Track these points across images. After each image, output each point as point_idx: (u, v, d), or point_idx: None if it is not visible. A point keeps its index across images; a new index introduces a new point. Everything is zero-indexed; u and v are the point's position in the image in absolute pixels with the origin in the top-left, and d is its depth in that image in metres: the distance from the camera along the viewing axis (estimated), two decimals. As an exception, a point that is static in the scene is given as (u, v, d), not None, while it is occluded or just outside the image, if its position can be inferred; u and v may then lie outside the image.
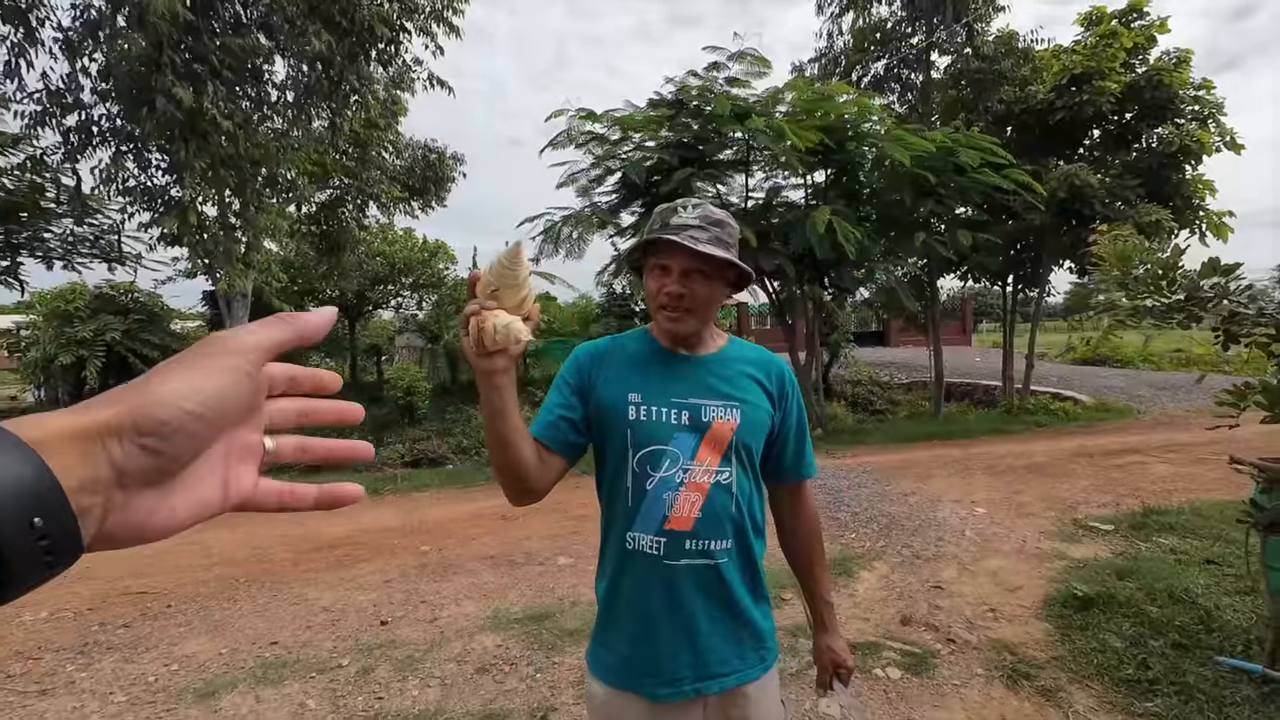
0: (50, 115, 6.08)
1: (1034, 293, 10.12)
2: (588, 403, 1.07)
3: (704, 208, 1.04)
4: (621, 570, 1.04)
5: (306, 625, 3.14)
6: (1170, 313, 2.60)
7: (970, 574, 3.44)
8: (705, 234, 1.01)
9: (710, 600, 1.02)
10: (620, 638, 1.05)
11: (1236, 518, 2.48)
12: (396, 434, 9.60)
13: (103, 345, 8.37)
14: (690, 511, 1.00)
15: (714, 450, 1.02)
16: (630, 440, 1.02)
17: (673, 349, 1.09)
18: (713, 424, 1.02)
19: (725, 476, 1.02)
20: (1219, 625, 2.54)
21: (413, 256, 12.30)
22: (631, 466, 1.02)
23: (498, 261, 0.85)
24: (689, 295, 1.02)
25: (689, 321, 1.04)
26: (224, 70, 5.63)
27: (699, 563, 1.00)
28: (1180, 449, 6.45)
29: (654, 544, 1.00)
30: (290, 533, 4.87)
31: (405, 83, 7.65)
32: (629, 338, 1.13)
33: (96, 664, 2.81)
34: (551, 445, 1.03)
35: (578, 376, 1.08)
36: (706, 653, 1.01)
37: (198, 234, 6.59)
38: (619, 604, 1.05)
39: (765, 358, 1.13)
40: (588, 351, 1.12)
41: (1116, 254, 2.83)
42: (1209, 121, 8.35)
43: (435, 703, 2.37)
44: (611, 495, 1.06)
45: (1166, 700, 2.13)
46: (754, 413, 1.06)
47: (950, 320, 22.33)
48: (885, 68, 10.58)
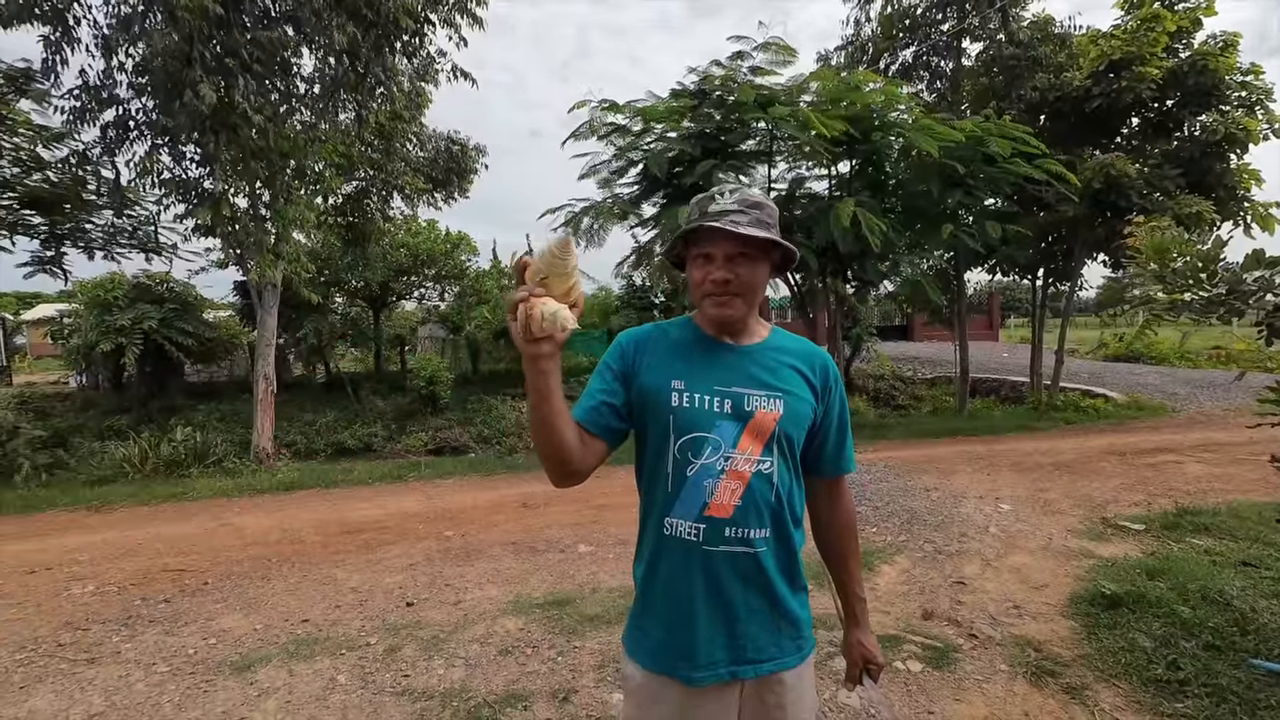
0: (88, 110, 6.28)
1: (1065, 287, 9.84)
2: (630, 388, 1.07)
3: (741, 191, 1.05)
4: (659, 555, 1.05)
5: (336, 605, 3.24)
6: (1211, 307, 2.52)
7: (994, 570, 3.40)
8: (746, 217, 1.01)
9: (748, 587, 1.02)
10: (657, 622, 1.05)
11: (1276, 518, 2.41)
12: (419, 423, 9.78)
13: (140, 333, 8.65)
14: (730, 499, 1.00)
15: (756, 439, 1.02)
16: (673, 426, 1.03)
17: (717, 337, 1.09)
18: (755, 413, 1.02)
19: (767, 466, 1.02)
20: (1255, 628, 2.47)
21: (435, 248, 12.42)
22: (673, 453, 1.03)
23: (548, 250, 0.88)
24: (735, 280, 1.02)
25: (736, 306, 1.04)
26: (254, 64, 5.75)
27: (738, 550, 1.01)
28: (1217, 448, 6.25)
29: (693, 530, 1.01)
30: (320, 517, 5.02)
31: (429, 75, 7.71)
32: (672, 325, 1.14)
33: (140, 636, 2.95)
34: (593, 429, 1.04)
35: (621, 362, 1.09)
36: (743, 638, 1.02)
37: (230, 225, 6.76)
38: (656, 588, 1.06)
39: (809, 349, 1.13)
40: (631, 337, 1.12)
41: (1154, 246, 2.75)
42: (1256, 108, 7.99)
43: (460, 681, 2.44)
44: (652, 481, 1.07)
45: (1197, 702, 2.09)
46: (797, 404, 1.05)
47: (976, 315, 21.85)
48: (914, 55, 10.34)
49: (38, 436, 7.41)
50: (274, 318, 7.75)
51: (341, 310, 12.42)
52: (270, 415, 7.60)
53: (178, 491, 5.97)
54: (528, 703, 2.28)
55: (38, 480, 6.61)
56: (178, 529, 4.77)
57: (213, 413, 9.56)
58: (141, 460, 6.94)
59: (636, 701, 1.08)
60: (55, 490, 6.23)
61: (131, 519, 5.15)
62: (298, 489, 6.10)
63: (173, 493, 5.93)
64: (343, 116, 7.21)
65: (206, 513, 5.27)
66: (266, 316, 7.62)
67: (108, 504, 5.60)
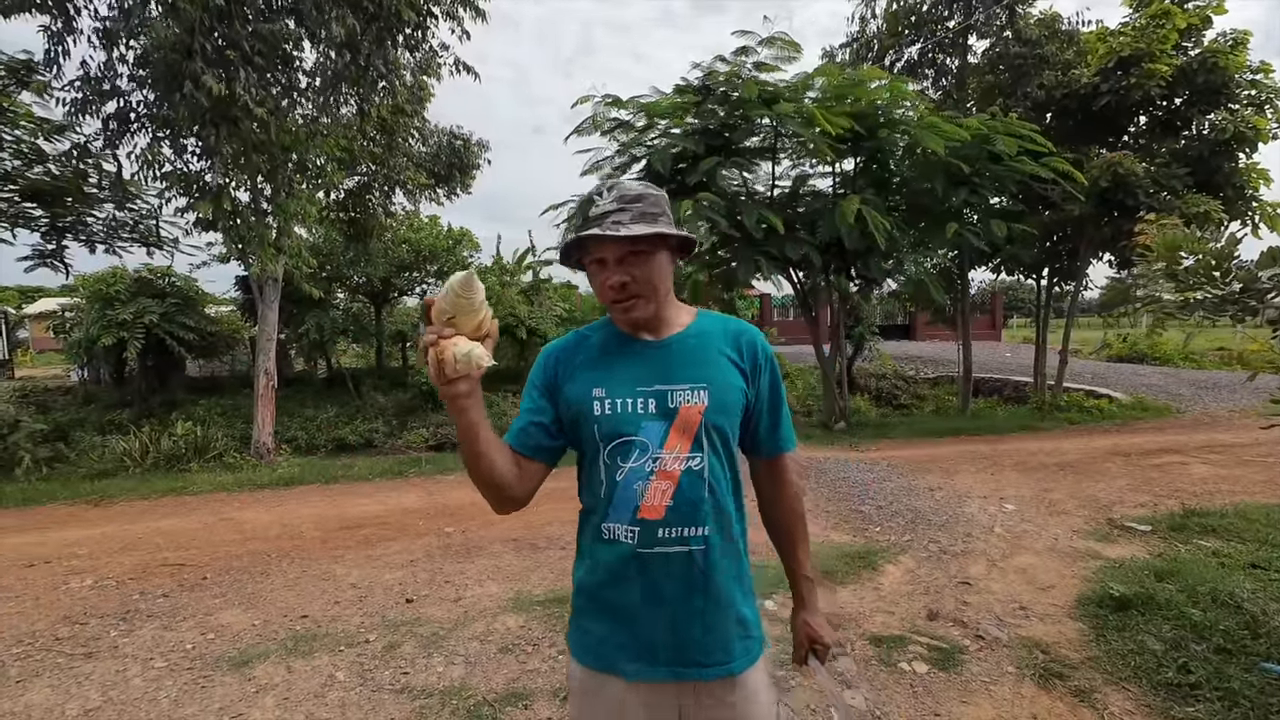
0: (90, 102, 6.25)
1: (1070, 286, 9.78)
2: (557, 403, 1.06)
3: (620, 187, 1.01)
4: (598, 559, 1.04)
5: (335, 601, 3.22)
6: (1224, 305, 2.48)
7: (1000, 571, 3.36)
8: (627, 214, 0.98)
9: (688, 589, 1.00)
10: (597, 621, 1.05)
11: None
12: (421, 419, 9.76)
13: (142, 327, 8.63)
14: (661, 500, 0.98)
15: (683, 436, 0.99)
16: (598, 434, 1.01)
17: (634, 334, 1.06)
18: (679, 409, 1.00)
19: (696, 462, 1.00)
20: (1266, 631, 2.43)
21: (438, 244, 12.38)
22: (602, 459, 1.01)
23: (450, 289, 0.85)
24: (632, 281, 0.99)
25: (641, 307, 1.01)
26: (255, 56, 5.71)
27: (674, 550, 0.99)
28: (1223, 450, 6.20)
29: (628, 533, 1.00)
30: (320, 513, 5.00)
31: (432, 68, 7.67)
32: (592, 329, 1.11)
33: (137, 630, 2.93)
34: (526, 452, 1.04)
35: (544, 377, 1.08)
36: (685, 641, 1.00)
37: (231, 219, 6.73)
38: (595, 590, 1.05)
39: (735, 329, 1.09)
40: (552, 350, 1.11)
41: (1165, 243, 2.71)
42: (1266, 107, 7.92)
43: (460, 679, 2.41)
44: (587, 489, 1.07)
45: (1209, 705, 2.06)
46: (722, 392, 1.02)
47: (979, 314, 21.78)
48: (920, 52, 10.25)
49: (38, 430, 7.40)
50: (275, 312, 7.73)
51: (343, 306, 12.39)
52: (271, 410, 7.58)
53: (178, 486, 5.96)
54: (528, 701, 2.25)
55: (37, 474, 6.60)
56: (177, 523, 4.75)
57: (214, 407, 9.55)
58: (142, 454, 6.93)
59: (578, 699, 1.07)
60: (55, 484, 6.22)
61: (131, 513, 5.13)
62: (298, 484, 6.08)
63: (173, 487, 5.92)
64: (344, 110, 7.17)
65: (206, 507, 5.25)
66: (268, 311, 7.60)
67: (107, 498, 5.58)
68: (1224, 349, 13.44)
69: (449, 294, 0.86)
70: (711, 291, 8.71)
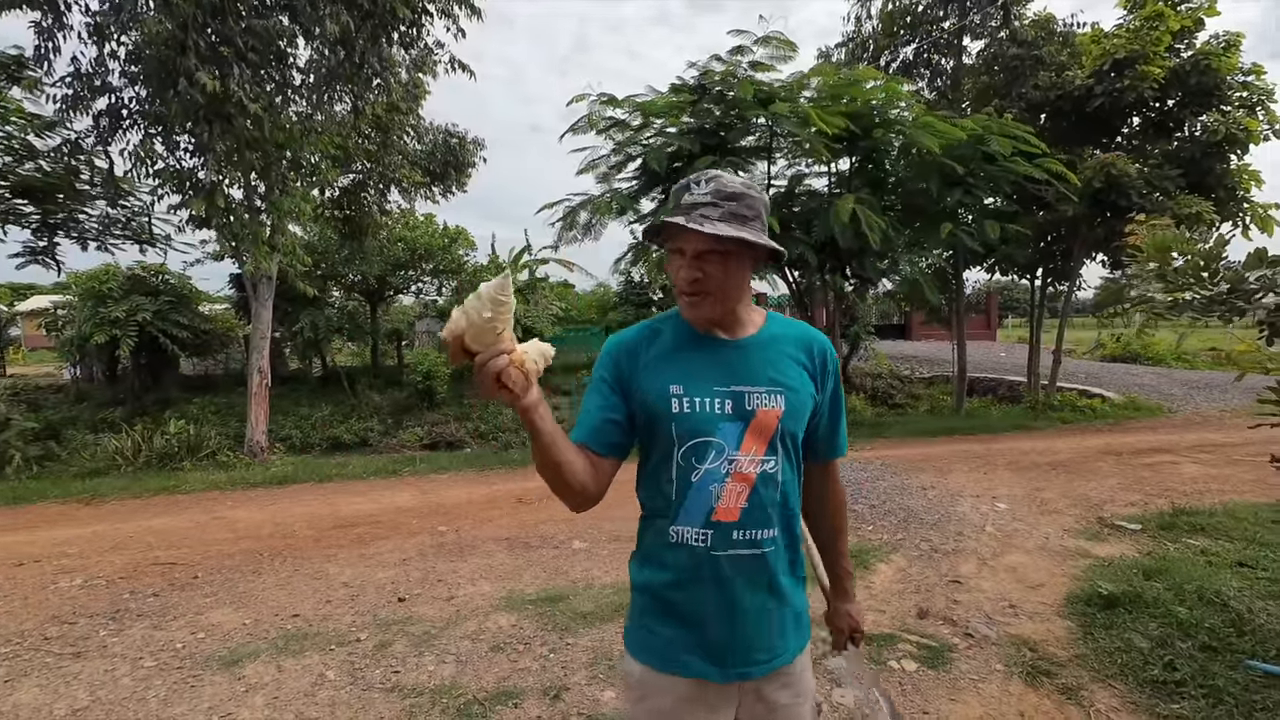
0: (81, 98, 6.21)
1: (1064, 287, 9.83)
2: (630, 399, 1.03)
3: (718, 180, 0.97)
4: (664, 562, 1.02)
5: (327, 600, 3.21)
6: (1212, 306, 2.50)
7: (990, 569, 3.38)
8: (718, 210, 0.94)
9: (755, 589, 1.00)
10: (665, 623, 1.03)
11: (1272, 519, 2.40)
12: (416, 417, 9.74)
13: (135, 325, 8.60)
14: (737, 502, 0.98)
15: (759, 439, 0.99)
16: (675, 433, 0.99)
17: (709, 333, 1.04)
18: (756, 412, 0.99)
19: (771, 466, 0.99)
20: (1252, 629, 2.45)
21: (433, 242, 12.35)
22: (676, 459, 0.99)
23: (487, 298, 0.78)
24: (705, 278, 0.97)
25: (707, 306, 0.99)
26: (249, 52, 5.68)
27: (745, 552, 0.99)
28: (1214, 449, 6.24)
29: (700, 536, 0.98)
30: (313, 511, 4.99)
31: (427, 66, 7.65)
32: (661, 323, 1.08)
33: (127, 630, 2.92)
34: (601, 450, 1.01)
35: (615, 372, 1.05)
36: (751, 640, 1.01)
37: (224, 216, 6.70)
38: (664, 592, 1.03)
39: (806, 335, 1.09)
40: (620, 344, 1.07)
41: (1155, 244, 2.72)
42: (1257, 109, 7.97)
43: (450, 678, 2.41)
44: (655, 487, 1.03)
45: (1193, 703, 2.07)
46: (797, 398, 1.02)
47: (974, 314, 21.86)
48: (915, 53, 10.29)
49: (29, 428, 7.36)
50: (269, 311, 7.70)
51: (338, 304, 12.35)
52: (264, 409, 7.56)
53: (170, 485, 5.93)
54: (518, 700, 2.25)
55: (28, 472, 6.56)
56: (169, 522, 4.73)
57: (207, 406, 9.51)
58: (134, 453, 6.90)
59: (637, 696, 1.05)
60: (46, 482, 6.18)
61: (122, 512, 5.11)
62: (291, 483, 6.07)
63: (165, 486, 5.89)
64: (339, 108, 7.14)
65: (198, 506, 5.23)
66: (261, 309, 7.57)
67: (99, 496, 5.55)
68: (1216, 349, 13.52)
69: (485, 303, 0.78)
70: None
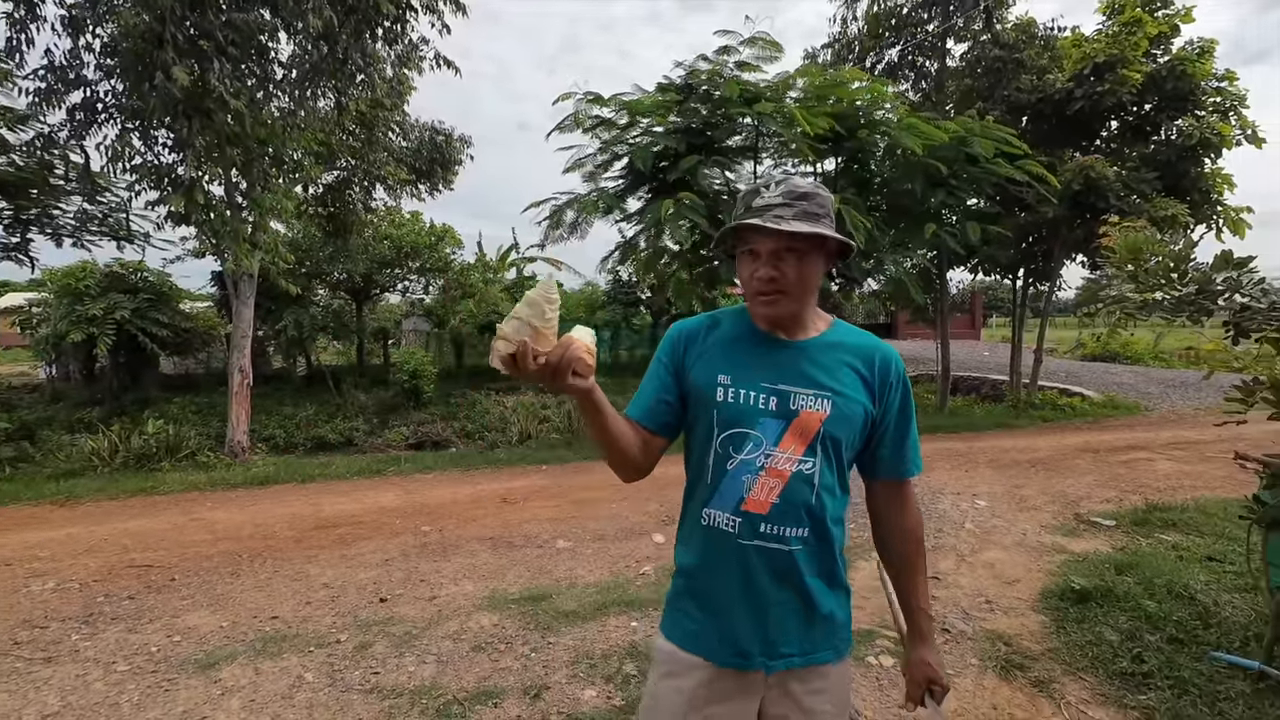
0: (55, 92, 6.07)
1: (1045, 287, 9.99)
2: (683, 381, 1.08)
3: (788, 183, 1.01)
4: (698, 543, 1.07)
5: (306, 601, 3.18)
6: (1181, 306, 2.55)
7: (969, 566, 3.43)
8: (791, 210, 0.98)
9: (781, 584, 1.02)
10: (694, 605, 1.06)
11: (1239, 514, 2.46)
12: (402, 417, 9.67)
13: (113, 323, 8.44)
14: (768, 496, 1.00)
15: (799, 439, 1.00)
16: (716, 420, 1.03)
17: (770, 332, 1.07)
18: (800, 413, 1.01)
19: (808, 466, 1.01)
20: (1217, 621, 2.52)
21: (419, 240, 12.27)
22: (715, 446, 1.03)
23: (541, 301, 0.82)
24: (781, 277, 1.00)
25: (784, 304, 1.02)
26: (229, 46, 5.59)
27: (772, 546, 1.01)
28: (1187, 446, 6.39)
29: (730, 522, 1.02)
30: (294, 512, 4.93)
31: (412, 62, 7.58)
32: (725, 316, 1.13)
33: (101, 634, 2.87)
34: (653, 428, 1.07)
35: (672, 356, 1.10)
36: (775, 633, 1.02)
37: (205, 213, 6.59)
38: (694, 574, 1.07)
39: (869, 345, 1.08)
40: (681, 331, 1.12)
41: (1128, 245, 2.78)
42: (1230, 114, 8.15)
43: (431, 678, 2.40)
44: (696, 472, 1.08)
45: (1160, 694, 2.13)
46: (846, 405, 1.02)
47: (959, 313, 22.13)
48: (900, 54, 10.39)
49: (2, 429, 7.20)
50: (250, 309, 7.59)
51: (323, 302, 12.22)
52: (246, 408, 7.45)
53: (148, 486, 5.83)
54: (498, 699, 2.25)
55: (0, 473, 6.42)
56: (146, 524, 4.65)
57: (188, 405, 9.36)
58: (111, 453, 6.77)
59: (663, 673, 1.08)
60: (19, 484, 6.04)
61: (98, 513, 5.01)
62: (273, 483, 5.99)
63: (142, 487, 5.79)
64: (322, 103, 7.06)
65: (177, 507, 5.15)
66: (243, 308, 7.46)
67: (74, 498, 5.45)
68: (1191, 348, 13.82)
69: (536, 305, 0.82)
70: (694, 290, 8.74)
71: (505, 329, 0.82)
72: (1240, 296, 2.33)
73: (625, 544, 3.94)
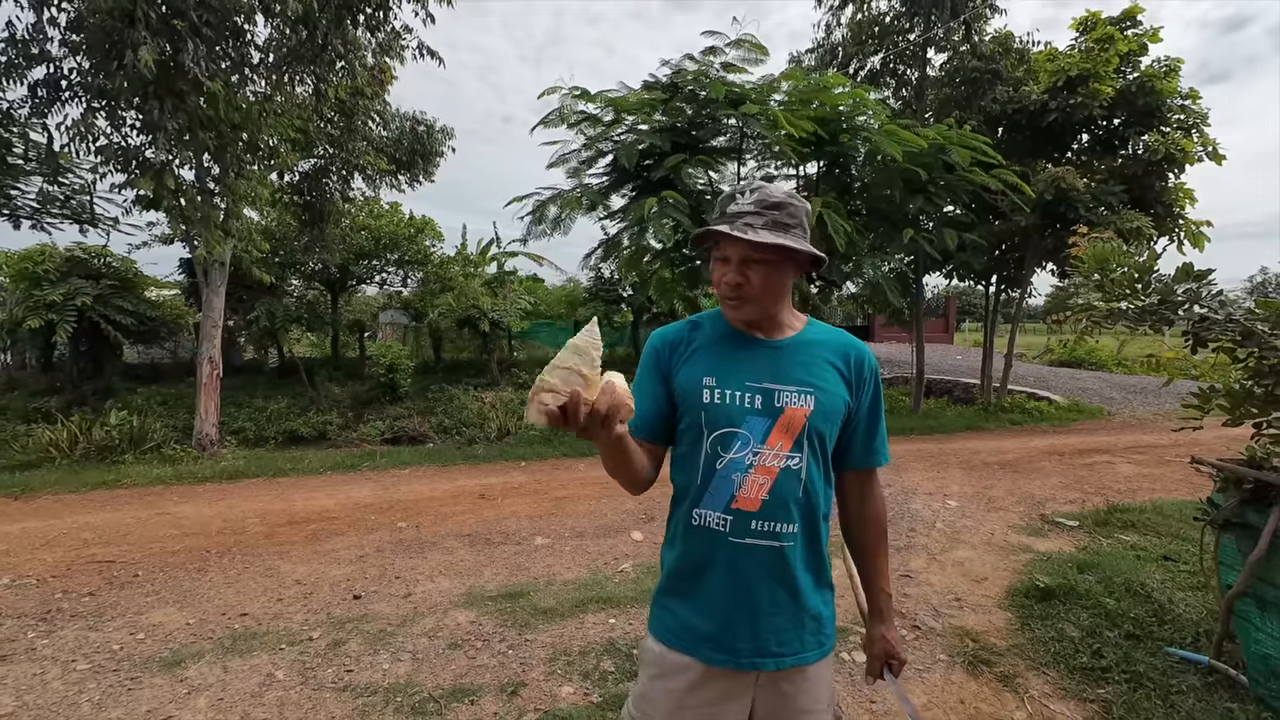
0: (15, 66, 5.80)
1: (1016, 293, 10.27)
2: (671, 387, 1.10)
3: (762, 191, 1.03)
4: (688, 543, 1.07)
5: (278, 598, 3.12)
6: (1144, 316, 2.65)
7: (939, 564, 3.52)
8: (762, 219, 0.99)
9: (773, 581, 1.03)
10: (683, 604, 1.07)
11: (1194, 516, 2.57)
12: (377, 411, 9.52)
13: (73, 310, 8.13)
14: (758, 493, 1.01)
15: (786, 435, 1.02)
16: (704, 421, 1.04)
17: (749, 332, 1.09)
18: (785, 409, 1.03)
19: (795, 462, 1.03)
20: (1172, 618, 2.63)
21: (399, 232, 12.07)
22: (705, 447, 1.04)
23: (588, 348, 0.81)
24: (746, 284, 1.02)
25: (749, 310, 1.05)
26: (203, 27, 5.41)
27: (764, 543, 1.02)
28: (1146, 450, 6.64)
29: (721, 521, 1.02)
30: (265, 507, 4.82)
31: (394, 50, 7.44)
32: (705, 319, 1.14)
33: (59, 631, 2.77)
34: (657, 442, 1.10)
35: (657, 365, 1.11)
36: (766, 631, 1.03)
37: (174, 198, 6.38)
38: (684, 574, 1.08)
39: (844, 341, 1.12)
40: (663, 338, 1.14)
41: (1095, 255, 2.88)
42: (1193, 131, 8.48)
43: (406, 676, 2.38)
44: (684, 473, 1.08)
45: (1117, 687, 2.21)
46: (829, 400, 1.05)
47: (934, 317, 22.61)
48: (881, 62, 10.54)
49: (-48, 418, 6.88)
50: (221, 298, 7.39)
51: (297, 293, 11.94)
52: (215, 400, 7.26)
53: (110, 479, 5.64)
54: (474, 696, 2.23)
55: (-49, 464, 6.14)
56: (107, 517, 4.50)
57: (153, 396, 9.08)
58: (70, 444, 6.53)
59: (653, 674, 1.08)
60: (-29, 475, 5.80)
61: (56, 507, 4.83)
62: (243, 478, 5.85)
63: (104, 480, 5.60)
64: (300, 89, 6.88)
65: (140, 501, 4.99)
66: (213, 296, 7.26)
67: (30, 491, 5.24)
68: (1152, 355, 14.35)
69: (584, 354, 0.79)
70: (676, 289, 8.77)
71: (551, 380, 0.78)
72: (1199, 307, 2.43)
73: (604, 541, 3.95)
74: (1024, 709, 2.16)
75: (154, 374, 10.78)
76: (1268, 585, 2.06)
